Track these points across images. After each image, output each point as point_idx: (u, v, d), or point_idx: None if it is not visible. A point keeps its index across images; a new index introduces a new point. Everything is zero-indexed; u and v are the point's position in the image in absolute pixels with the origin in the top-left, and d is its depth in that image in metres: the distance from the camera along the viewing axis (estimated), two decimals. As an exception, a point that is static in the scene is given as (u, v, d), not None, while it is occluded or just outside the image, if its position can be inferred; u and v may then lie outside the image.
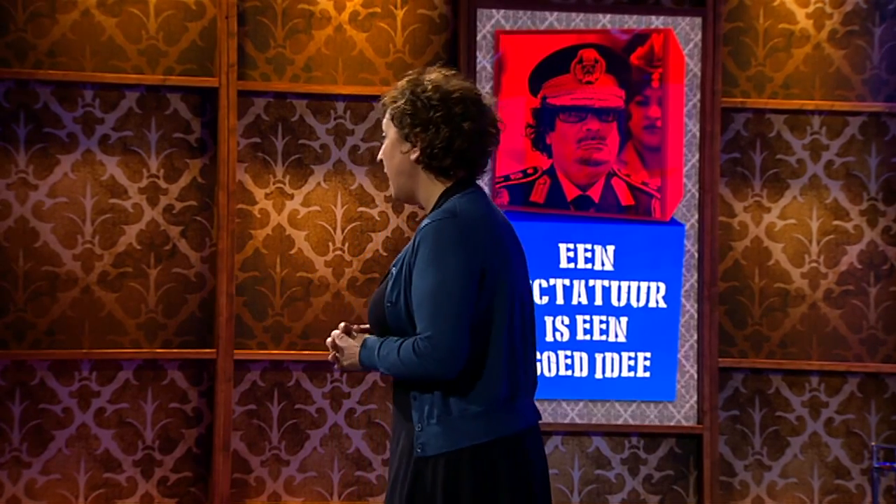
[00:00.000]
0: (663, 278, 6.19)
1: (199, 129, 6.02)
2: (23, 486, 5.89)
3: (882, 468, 6.00)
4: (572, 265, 6.18)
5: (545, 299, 6.17)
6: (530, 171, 6.16)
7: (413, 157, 3.11)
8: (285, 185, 6.10)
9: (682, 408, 6.21)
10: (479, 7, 6.13)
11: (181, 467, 5.99)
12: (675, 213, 6.21)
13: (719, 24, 6.24)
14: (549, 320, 6.17)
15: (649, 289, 6.18)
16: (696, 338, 6.20)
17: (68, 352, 5.90)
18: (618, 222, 6.17)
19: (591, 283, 6.19)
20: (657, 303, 6.19)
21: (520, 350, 3.06)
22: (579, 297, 6.17)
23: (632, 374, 6.19)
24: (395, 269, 3.07)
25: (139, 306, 5.98)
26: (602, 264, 6.18)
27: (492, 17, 6.16)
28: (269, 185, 6.09)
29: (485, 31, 6.16)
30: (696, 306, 6.20)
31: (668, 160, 6.22)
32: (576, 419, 6.16)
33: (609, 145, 6.18)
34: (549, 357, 6.16)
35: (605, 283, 6.19)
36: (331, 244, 6.12)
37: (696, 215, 6.21)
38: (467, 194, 3.08)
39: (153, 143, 6.00)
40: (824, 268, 6.39)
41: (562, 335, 6.17)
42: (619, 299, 6.20)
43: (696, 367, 6.21)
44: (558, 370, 6.16)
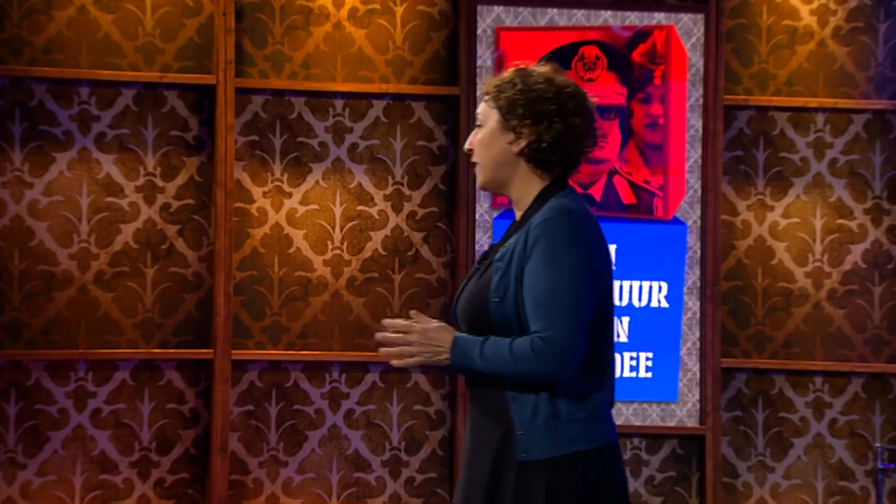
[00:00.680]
0: (665, 277, 6.13)
1: (197, 126, 5.95)
2: (18, 487, 5.81)
3: (887, 469, 5.95)
4: None
5: (546, 299, 6.08)
6: (531, 170, 6.08)
7: (516, 148, 3.02)
8: (283, 183, 6.02)
9: (684, 408, 6.15)
10: (479, 3, 6.05)
11: (178, 469, 5.93)
12: (678, 211, 6.16)
13: (722, 20, 6.17)
14: (550, 320, 6.08)
15: (651, 288, 6.12)
16: (698, 337, 6.14)
17: (64, 352, 5.83)
18: (619, 221, 6.12)
19: (592, 282, 6.10)
20: (659, 302, 6.14)
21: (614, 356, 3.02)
22: None
23: (633, 375, 6.12)
24: (500, 264, 2.95)
25: (136, 306, 5.91)
26: None
27: (492, 12, 6.08)
28: (267, 183, 6.02)
29: (485, 27, 6.08)
30: (698, 306, 6.14)
31: (671, 158, 6.15)
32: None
33: (611, 143, 6.12)
34: (550, 357, 6.07)
35: (607, 282, 6.11)
36: (329, 243, 6.05)
37: (698, 214, 6.15)
38: (569, 194, 3.00)
39: (150, 141, 5.94)
40: (828, 267, 6.31)
41: (563, 335, 6.08)
42: (620, 299, 6.15)
43: (698, 368, 6.14)
44: (559, 370, 6.07)
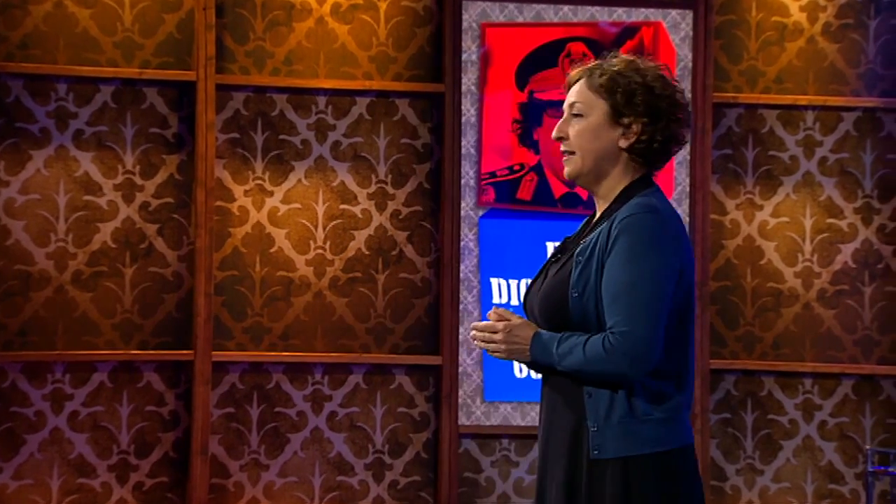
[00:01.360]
0: None
1: (177, 124, 5.83)
2: (-7, 491, 5.66)
3: (877, 472, 5.85)
4: None
5: (532, 299, 5.96)
6: (517, 168, 5.98)
7: (624, 143, 2.92)
8: (265, 181, 5.90)
9: (672, 411, 6.01)
10: (464, -1, 5.94)
11: (157, 472, 5.81)
12: None
13: (710, 16, 6.06)
14: (535, 321, 5.96)
15: None
16: (686, 339, 6.00)
17: (41, 353, 5.71)
18: None
19: (579, 282, 5.98)
20: None
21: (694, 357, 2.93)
22: None
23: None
24: (581, 258, 2.88)
25: (114, 306, 5.79)
26: None
27: (477, 7, 5.95)
28: (248, 181, 5.90)
29: (470, 21, 5.96)
30: (686, 306, 6.00)
31: None
32: (563, 422, 5.95)
33: None
34: (535, 359, 5.95)
35: (594, 282, 5.98)
36: (312, 242, 5.93)
37: (686, 213, 6.02)
38: (656, 192, 2.92)
39: (129, 139, 5.82)
40: (818, 267, 6.19)
41: (549, 336, 5.96)
42: None
43: (686, 369, 6.01)
44: (545, 372, 5.95)
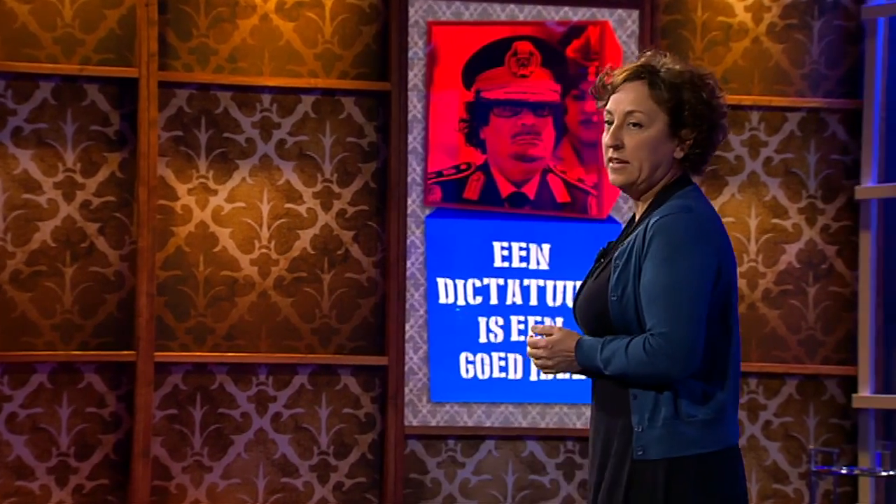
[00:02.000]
0: None
1: (118, 121, 5.71)
2: (-71, 495, 5.50)
3: (820, 472, 5.83)
4: (507, 264, 5.95)
5: (479, 299, 5.93)
6: (463, 167, 5.91)
7: (680, 154, 2.88)
8: (209, 180, 5.79)
9: (618, 411, 5.96)
10: (410, -4, 5.85)
11: (98, 475, 5.68)
12: (612, 210, 6.00)
13: (657, 16, 6.01)
14: (482, 321, 5.94)
15: None
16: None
17: (-21, 354, 5.55)
18: (553, 220, 5.98)
19: (525, 282, 5.96)
20: None
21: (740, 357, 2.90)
22: (514, 297, 5.94)
23: (567, 377, 5.92)
24: (619, 262, 2.85)
25: (54, 306, 5.66)
26: (537, 263, 5.98)
27: (423, 4, 5.86)
28: (191, 180, 5.78)
29: (417, 18, 5.86)
30: (633, 306, 5.95)
31: None
32: (510, 423, 5.87)
33: (544, 141, 5.96)
34: (482, 359, 5.92)
35: (541, 282, 5.96)
36: (257, 242, 5.82)
37: (633, 213, 5.95)
38: (694, 191, 2.89)
39: (69, 136, 5.69)
40: (762, 267, 6.15)
41: (496, 336, 5.93)
42: (554, 299, 5.99)
43: (632, 369, 5.96)
44: (492, 372, 5.92)
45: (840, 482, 6.01)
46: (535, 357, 2.88)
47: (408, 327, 5.85)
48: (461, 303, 5.91)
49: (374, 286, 5.91)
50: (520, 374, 5.95)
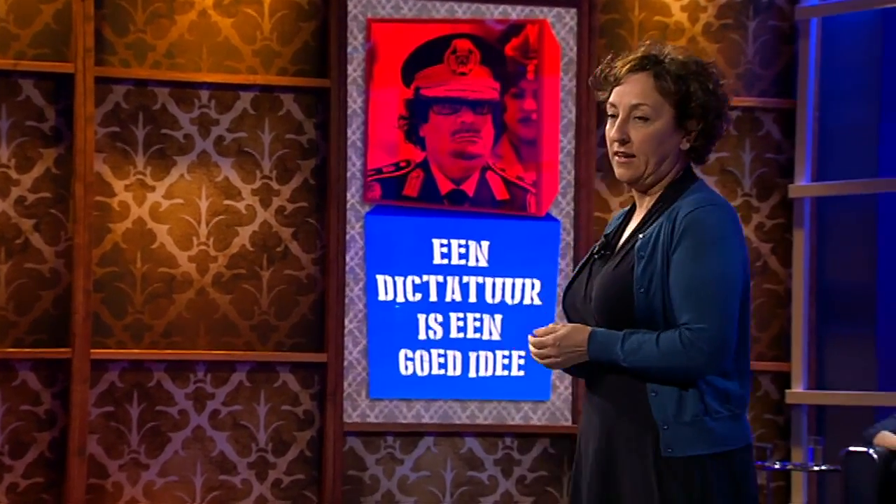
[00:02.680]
0: (538, 275, 5.94)
1: (54, 116, 5.58)
2: None
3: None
4: (446, 261, 5.90)
5: (418, 296, 5.87)
6: (403, 165, 5.84)
7: (686, 146, 2.79)
8: (146, 176, 5.67)
9: (556, 407, 5.92)
10: (349, -7, 5.77)
11: (32, 473, 5.55)
12: (551, 208, 5.96)
13: (595, 15, 5.97)
14: (421, 318, 5.87)
15: (524, 286, 5.92)
16: (570, 335, 5.91)
17: (-89, 352, 5.39)
18: (492, 217, 5.92)
19: (465, 279, 5.91)
20: (532, 300, 5.94)
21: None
22: (453, 294, 5.89)
23: (506, 373, 5.92)
24: (643, 254, 2.72)
25: None
26: (476, 260, 5.92)
27: (362, 1, 5.78)
28: (129, 176, 5.66)
29: (356, 14, 5.79)
30: (571, 303, 5.91)
31: (544, 154, 5.96)
32: (448, 419, 5.82)
33: (484, 138, 5.90)
34: (421, 356, 5.85)
35: (480, 279, 5.91)
36: (195, 238, 5.71)
37: (571, 211, 5.92)
38: (703, 184, 2.80)
39: (3, 132, 5.57)
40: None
41: (435, 333, 5.87)
42: (493, 296, 5.92)
43: (570, 366, 5.91)
44: (431, 369, 5.86)
45: (773, 477, 6.00)
46: (541, 356, 2.76)
47: (347, 324, 5.77)
48: (401, 300, 5.84)
49: (313, 283, 5.82)
50: (458, 371, 5.89)
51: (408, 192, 5.88)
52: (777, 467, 5.81)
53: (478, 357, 5.90)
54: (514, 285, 5.93)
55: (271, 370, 5.76)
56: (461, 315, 5.91)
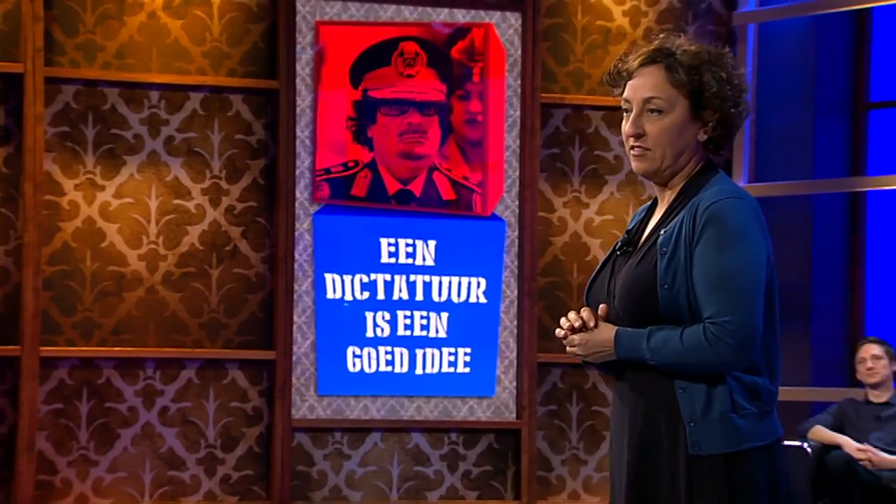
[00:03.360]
0: (484, 273, 5.95)
1: (3, 116, 5.56)
2: None
3: None
4: (393, 260, 5.90)
5: (366, 294, 5.86)
6: (351, 165, 5.84)
7: (703, 137, 2.69)
8: (96, 175, 5.63)
9: (501, 403, 5.94)
10: (298, -4, 5.75)
11: (-18, 471, 5.47)
12: (496, 208, 5.98)
13: (539, 19, 6.00)
14: (369, 316, 5.86)
15: (470, 284, 5.94)
16: (515, 333, 5.93)
17: None
18: (439, 217, 5.94)
19: (412, 278, 5.92)
20: (478, 298, 5.95)
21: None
22: (400, 292, 5.90)
23: (452, 370, 5.93)
24: (665, 250, 2.64)
25: None
26: (423, 259, 5.93)
27: (311, 4, 5.77)
28: (78, 175, 5.61)
29: (304, 15, 5.77)
30: (516, 302, 5.93)
31: (489, 155, 5.97)
32: (395, 415, 5.82)
33: (430, 139, 5.92)
34: (368, 353, 5.85)
35: (426, 278, 5.92)
36: (144, 237, 5.68)
37: (516, 210, 5.95)
38: (724, 176, 2.72)
39: None
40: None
41: (382, 331, 5.86)
42: (439, 295, 5.93)
43: (515, 363, 5.94)
44: (378, 366, 5.85)
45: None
46: (570, 353, 2.73)
47: (295, 321, 5.77)
48: (349, 298, 5.84)
49: (262, 281, 5.81)
50: (405, 368, 5.90)
51: (356, 191, 5.88)
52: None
53: (424, 354, 5.90)
54: (460, 284, 5.95)
55: (220, 367, 5.74)
56: (408, 313, 5.91)
